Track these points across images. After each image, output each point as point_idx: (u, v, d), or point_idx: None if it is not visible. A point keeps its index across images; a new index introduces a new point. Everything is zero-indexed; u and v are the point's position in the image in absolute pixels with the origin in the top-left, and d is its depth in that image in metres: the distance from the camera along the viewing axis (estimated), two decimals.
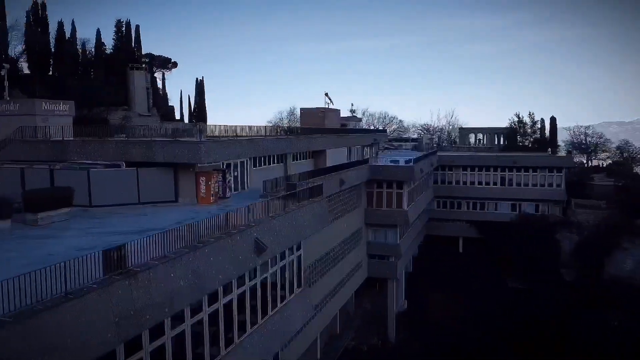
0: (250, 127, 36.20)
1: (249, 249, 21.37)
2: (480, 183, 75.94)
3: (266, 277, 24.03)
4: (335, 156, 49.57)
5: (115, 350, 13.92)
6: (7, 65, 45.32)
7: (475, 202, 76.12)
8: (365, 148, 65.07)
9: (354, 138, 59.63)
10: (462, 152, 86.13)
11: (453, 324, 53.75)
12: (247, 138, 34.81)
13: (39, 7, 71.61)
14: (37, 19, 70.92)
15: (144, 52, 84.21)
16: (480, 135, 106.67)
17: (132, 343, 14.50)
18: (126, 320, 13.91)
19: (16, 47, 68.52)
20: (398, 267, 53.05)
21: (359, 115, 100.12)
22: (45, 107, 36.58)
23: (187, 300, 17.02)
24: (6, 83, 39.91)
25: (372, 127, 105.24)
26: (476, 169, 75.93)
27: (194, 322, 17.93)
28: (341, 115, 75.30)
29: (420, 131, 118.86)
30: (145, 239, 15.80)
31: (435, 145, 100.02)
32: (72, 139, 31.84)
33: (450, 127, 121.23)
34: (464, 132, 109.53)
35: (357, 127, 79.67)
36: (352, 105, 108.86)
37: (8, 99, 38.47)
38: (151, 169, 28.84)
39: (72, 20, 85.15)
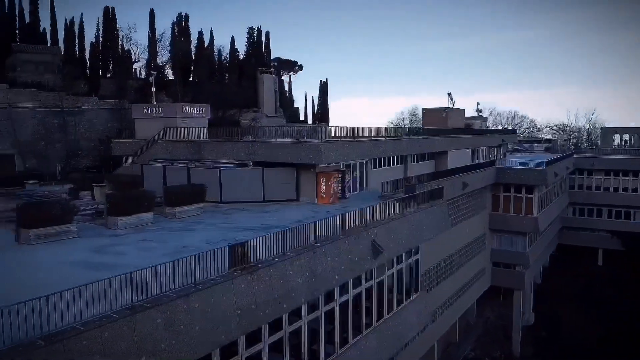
0: (371, 129, 36.27)
1: (366, 251, 21.37)
2: (625, 189, 67.81)
3: (382, 280, 23.85)
4: (457, 157, 47.69)
5: (237, 341, 14.76)
6: (154, 73, 50.65)
7: (618, 211, 68.11)
8: (492, 149, 61.70)
9: (479, 139, 56.84)
10: (604, 155, 77.61)
11: (586, 343, 48.70)
12: (367, 139, 34.91)
13: (183, 19, 78.90)
14: (180, 29, 78.24)
15: (272, 56, 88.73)
16: (626, 136, 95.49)
17: (252, 335, 15.26)
18: (247, 313, 14.68)
19: (163, 55, 76.43)
20: (526, 277, 49.45)
21: (485, 115, 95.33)
22: (185, 110, 40.21)
23: (304, 298, 17.49)
24: (153, 89, 44.67)
25: (499, 127, 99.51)
26: (621, 174, 67.87)
27: (310, 319, 18.39)
28: (466, 115, 72.25)
29: (555, 131, 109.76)
30: (266, 236, 16.56)
31: (571, 146, 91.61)
32: (206, 139, 34.58)
33: (591, 127, 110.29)
34: (607, 132, 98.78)
35: (482, 127, 75.89)
36: (478, 104, 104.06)
37: (155, 103, 42.93)
38: (275, 169, 30.22)
39: (211, 29, 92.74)
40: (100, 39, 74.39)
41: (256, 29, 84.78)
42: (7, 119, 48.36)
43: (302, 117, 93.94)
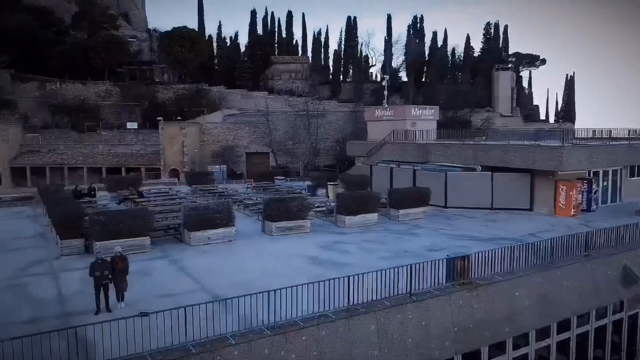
0: (629, 129, 30.60)
1: (615, 278, 17.97)
2: None
3: (637, 314, 19.77)
4: None
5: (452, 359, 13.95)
6: (386, 77, 52.26)
7: None
8: None
9: None
10: None
11: None
12: (623, 143, 29.53)
13: (418, 21, 79.78)
14: (415, 31, 79.27)
15: (510, 51, 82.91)
16: None
17: (469, 357, 14.21)
18: (464, 332, 13.73)
19: (398, 58, 78.58)
20: None
21: None
22: (414, 112, 40.39)
23: (531, 323, 15.58)
24: (385, 92, 46.16)
25: None
26: None
27: (539, 347, 16.32)
28: None
29: None
30: (492, 250, 15.23)
31: None
32: (433, 142, 34.02)
33: None
34: None
35: None
36: None
37: (386, 105, 44.30)
38: (506, 174, 27.89)
39: (445, 29, 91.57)
40: (342, 46, 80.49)
41: (493, 24, 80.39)
42: (265, 122, 56.19)
43: (542, 116, 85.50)
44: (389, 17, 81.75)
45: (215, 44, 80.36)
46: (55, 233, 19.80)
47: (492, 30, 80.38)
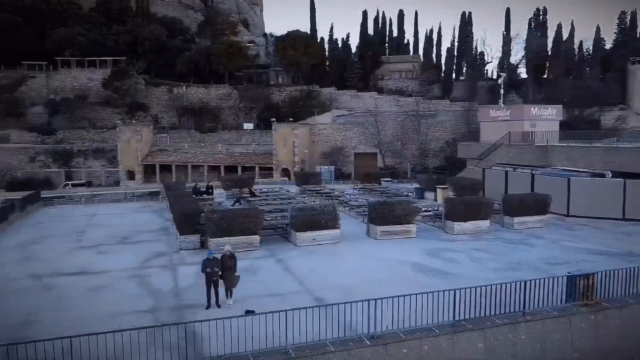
0: None
1: None
2: None
3: None
4: None
5: None
6: (503, 74, 49.19)
7: None
8: None
9: None
10: None
11: None
12: None
13: (540, 13, 74.24)
14: (537, 24, 73.84)
15: None
16: None
17: None
18: (586, 358, 12.35)
19: (517, 54, 73.83)
20: None
21: None
22: (533, 112, 37.50)
23: None
24: (501, 90, 43.44)
25: None
26: None
27: None
28: None
29: None
30: (623, 270, 13.53)
31: None
32: (555, 144, 31.34)
33: None
34: None
35: None
36: None
37: (502, 104, 41.71)
38: None
39: (572, 21, 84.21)
40: (456, 43, 77.61)
41: (629, 13, 72.20)
42: (374, 122, 55.94)
43: None
44: (508, 11, 77.18)
45: (326, 46, 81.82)
46: (176, 228, 21.38)
47: (628, 19, 72.20)
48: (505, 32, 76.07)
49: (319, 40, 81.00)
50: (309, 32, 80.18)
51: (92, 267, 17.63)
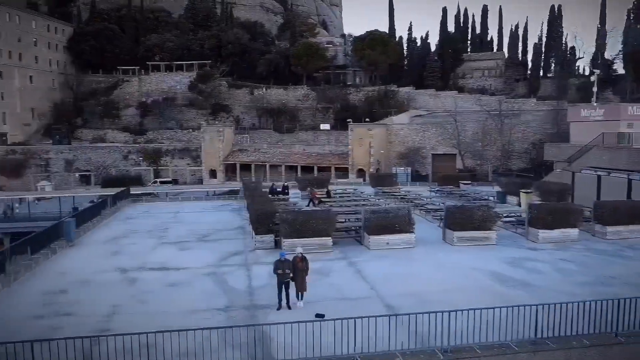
0: None
1: None
2: None
3: None
4: None
5: None
6: (597, 71, 45.60)
7: None
8: None
9: None
10: None
11: None
12: None
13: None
14: (637, 15, 67.93)
15: None
16: None
17: None
18: None
19: (612, 48, 68.42)
20: None
21: None
22: (631, 112, 34.43)
23: None
24: (594, 88, 40.22)
25: None
26: None
27: None
28: None
29: None
30: None
31: None
32: None
33: None
34: None
35: None
36: None
37: (595, 103, 38.70)
38: None
39: None
40: (544, 38, 73.42)
41: None
42: (453, 122, 54.22)
43: None
44: (604, 3, 71.72)
45: (405, 45, 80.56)
46: (251, 227, 21.89)
47: None
48: (599, 25, 70.78)
49: (397, 40, 79.96)
50: (387, 31, 79.37)
51: (173, 263, 18.47)
